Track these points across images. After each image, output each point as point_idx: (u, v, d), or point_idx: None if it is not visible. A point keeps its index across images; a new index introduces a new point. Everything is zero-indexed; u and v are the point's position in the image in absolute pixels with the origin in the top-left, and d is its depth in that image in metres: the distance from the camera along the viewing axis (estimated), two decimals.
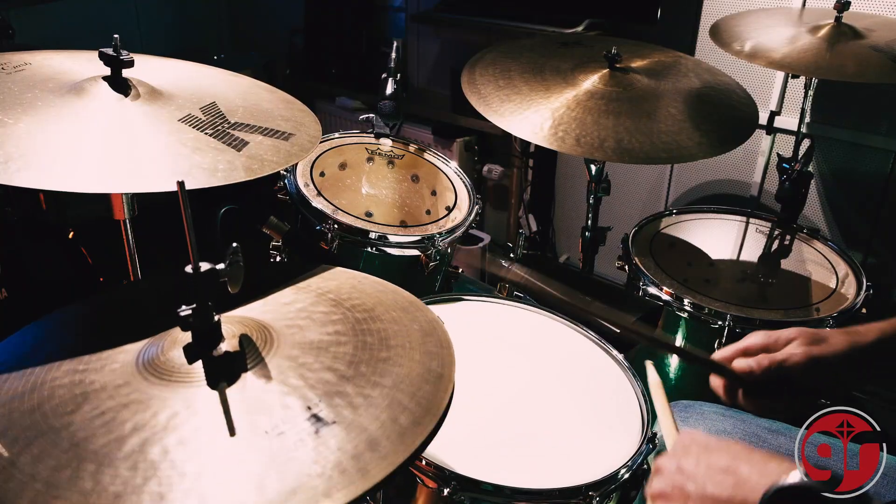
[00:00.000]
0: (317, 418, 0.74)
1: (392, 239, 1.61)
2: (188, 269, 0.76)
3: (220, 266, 0.77)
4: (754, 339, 0.95)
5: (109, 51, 1.14)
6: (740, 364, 0.92)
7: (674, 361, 1.72)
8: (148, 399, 0.76)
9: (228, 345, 0.81)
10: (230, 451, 0.70)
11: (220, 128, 1.15)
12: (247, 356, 0.81)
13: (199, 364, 0.79)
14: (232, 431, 0.72)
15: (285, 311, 0.93)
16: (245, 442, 0.71)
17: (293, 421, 0.73)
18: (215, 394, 0.76)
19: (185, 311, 0.76)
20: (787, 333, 0.93)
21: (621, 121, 1.57)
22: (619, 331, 1.42)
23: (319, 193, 1.67)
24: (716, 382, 0.96)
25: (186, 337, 0.80)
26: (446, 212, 1.78)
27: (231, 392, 0.77)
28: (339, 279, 1.03)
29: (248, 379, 0.79)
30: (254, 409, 0.75)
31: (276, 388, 0.78)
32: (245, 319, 0.89)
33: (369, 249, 1.60)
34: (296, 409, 0.75)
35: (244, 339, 0.84)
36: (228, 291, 0.79)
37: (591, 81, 1.68)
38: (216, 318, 0.80)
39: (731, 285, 1.77)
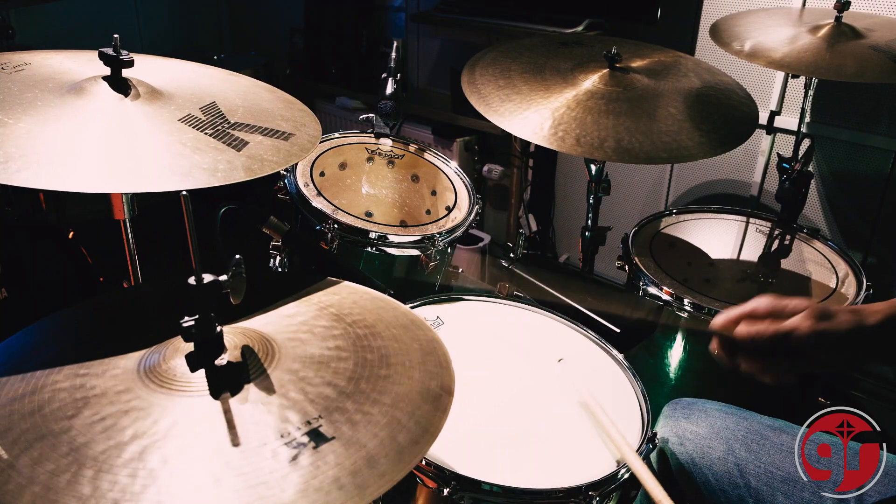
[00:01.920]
0: (316, 433, 0.74)
1: (392, 239, 1.61)
2: (191, 280, 0.76)
3: (223, 277, 0.77)
4: (761, 302, 0.93)
5: (109, 51, 1.14)
6: (744, 329, 0.91)
7: (674, 361, 1.72)
8: (148, 406, 0.76)
9: (231, 355, 0.81)
10: (229, 462, 0.70)
11: (220, 128, 1.15)
12: (249, 367, 0.81)
13: (200, 373, 0.79)
14: (234, 442, 0.72)
15: (287, 324, 0.93)
16: (244, 454, 0.71)
17: (293, 435, 0.73)
18: (216, 403, 0.76)
19: (187, 322, 0.76)
20: (794, 303, 0.92)
21: (621, 121, 1.57)
22: (619, 329, 1.43)
23: (319, 193, 1.67)
24: (715, 345, 0.94)
25: (189, 345, 0.80)
26: (446, 212, 1.78)
27: (232, 403, 0.77)
28: (341, 293, 1.03)
29: (250, 390, 0.79)
30: (254, 421, 0.75)
31: (276, 401, 0.78)
32: (247, 330, 0.89)
33: (369, 249, 1.60)
34: (296, 423, 0.75)
35: (246, 350, 0.84)
36: (231, 302, 0.79)
37: (591, 81, 1.68)
38: (218, 328, 0.80)
39: (731, 285, 1.77)
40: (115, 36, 1.14)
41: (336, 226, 1.57)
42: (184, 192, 0.76)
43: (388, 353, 0.89)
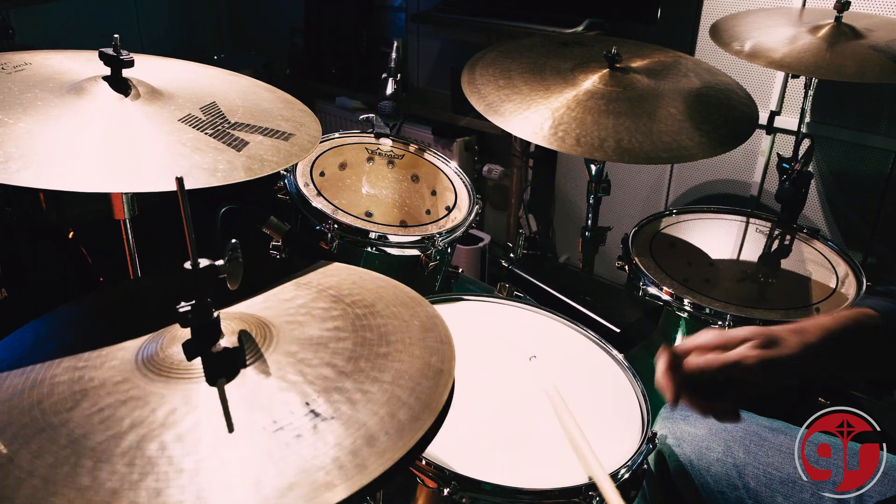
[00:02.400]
0: (315, 414, 0.74)
1: (392, 239, 1.61)
2: (187, 265, 0.76)
3: (220, 262, 0.77)
4: (707, 337, 0.92)
5: (109, 51, 1.14)
6: (691, 362, 0.89)
7: None
8: (146, 395, 0.76)
9: (227, 341, 0.81)
10: (228, 446, 0.70)
11: (220, 128, 1.15)
12: (246, 352, 0.82)
13: (198, 360, 0.79)
14: (231, 427, 0.72)
15: (285, 307, 0.93)
16: (243, 438, 0.71)
17: (291, 416, 0.73)
18: (214, 390, 0.77)
19: (184, 307, 0.76)
20: (740, 333, 0.90)
21: (621, 121, 1.57)
22: (619, 329, 1.43)
23: (319, 193, 1.67)
24: (661, 380, 0.92)
25: (186, 333, 0.80)
26: (446, 212, 1.78)
27: (230, 388, 0.77)
28: (340, 275, 1.03)
29: (247, 375, 0.79)
30: (252, 405, 0.75)
31: (274, 384, 0.78)
32: (245, 315, 0.89)
33: (369, 249, 1.60)
34: (294, 405, 0.75)
35: (243, 335, 0.84)
36: (228, 287, 0.79)
37: (591, 81, 1.68)
38: (215, 314, 0.80)
39: (731, 285, 1.77)
40: (115, 36, 1.14)
41: (336, 226, 1.57)
42: (178, 176, 0.75)
43: (387, 330, 0.89)
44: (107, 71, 1.15)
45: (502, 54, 1.84)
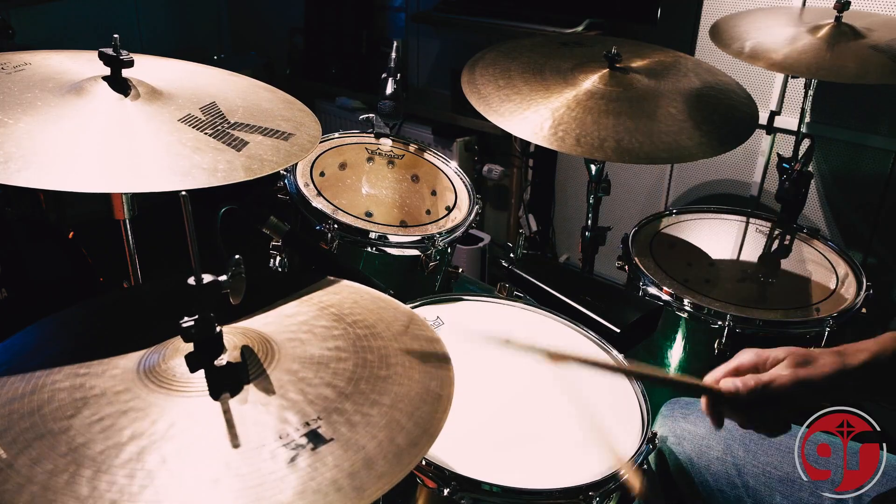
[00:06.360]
0: (315, 434, 0.74)
1: (392, 239, 1.61)
2: (191, 280, 0.76)
3: (223, 277, 0.77)
4: (744, 357, 0.95)
5: (109, 51, 1.14)
6: (727, 384, 0.92)
7: (674, 361, 1.72)
8: (147, 407, 0.76)
9: (230, 356, 0.81)
10: (227, 462, 0.70)
11: (219, 128, 1.15)
12: (248, 368, 0.81)
13: (199, 374, 0.79)
14: (233, 443, 0.72)
15: (287, 324, 0.93)
16: (242, 455, 0.71)
17: (291, 436, 0.73)
18: (214, 404, 0.76)
19: (187, 322, 0.76)
20: (776, 353, 0.93)
21: (621, 121, 1.57)
22: (619, 329, 1.43)
23: (319, 193, 1.67)
24: (703, 402, 0.96)
25: (188, 346, 0.80)
26: (446, 212, 1.78)
27: (231, 403, 0.77)
28: (342, 293, 1.03)
29: (249, 391, 0.79)
30: (252, 422, 0.75)
31: (275, 402, 0.78)
32: (247, 331, 0.89)
33: (369, 249, 1.60)
34: (294, 424, 0.75)
35: (246, 351, 0.83)
36: (230, 302, 0.79)
37: (591, 81, 1.68)
38: (218, 329, 0.80)
39: (731, 285, 1.77)
40: (115, 36, 1.14)
41: (336, 226, 1.57)
42: (183, 193, 0.76)
43: (387, 353, 0.89)
44: (107, 71, 1.15)
45: (502, 54, 1.84)
